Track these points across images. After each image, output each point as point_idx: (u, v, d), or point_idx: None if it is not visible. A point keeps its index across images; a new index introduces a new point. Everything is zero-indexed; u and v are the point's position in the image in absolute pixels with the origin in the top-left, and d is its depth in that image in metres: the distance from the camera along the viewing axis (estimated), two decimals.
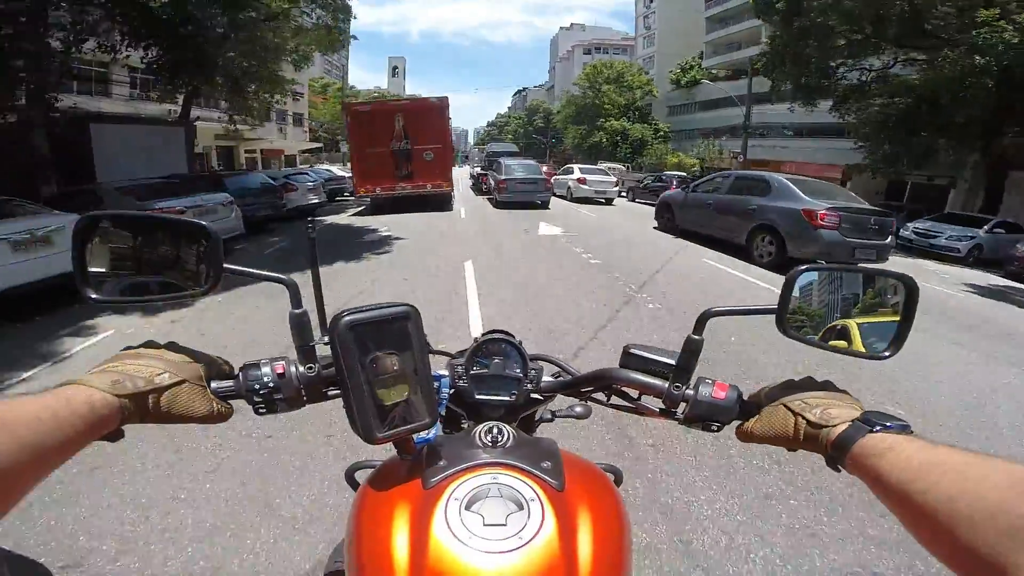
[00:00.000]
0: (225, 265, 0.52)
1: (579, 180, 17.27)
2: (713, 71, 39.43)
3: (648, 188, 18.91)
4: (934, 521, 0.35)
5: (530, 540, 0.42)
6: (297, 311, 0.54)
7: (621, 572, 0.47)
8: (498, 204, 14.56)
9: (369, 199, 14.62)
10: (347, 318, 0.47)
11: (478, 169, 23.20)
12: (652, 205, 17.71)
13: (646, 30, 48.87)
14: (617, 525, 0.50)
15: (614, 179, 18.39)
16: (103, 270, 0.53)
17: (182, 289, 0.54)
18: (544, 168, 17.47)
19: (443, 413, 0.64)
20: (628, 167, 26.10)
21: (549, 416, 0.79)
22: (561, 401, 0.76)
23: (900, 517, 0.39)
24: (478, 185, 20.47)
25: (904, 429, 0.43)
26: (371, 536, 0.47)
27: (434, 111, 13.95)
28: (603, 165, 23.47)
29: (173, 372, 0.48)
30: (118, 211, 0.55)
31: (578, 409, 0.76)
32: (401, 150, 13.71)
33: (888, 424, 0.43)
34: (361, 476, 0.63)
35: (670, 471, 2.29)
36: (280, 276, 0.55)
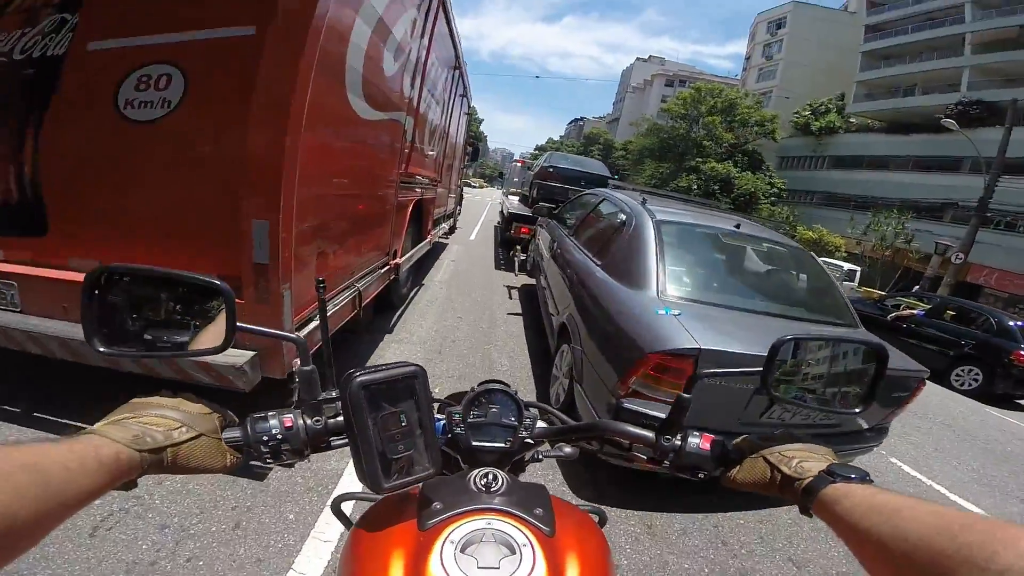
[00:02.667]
0: (238, 324, 0.53)
1: None
2: (854, 119, 28.89)
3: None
4: (877, 559, 0.39)
5: None
6: (306, 368, 0.57)
7: None
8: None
9: None
10: (360, 378, 0.49)
11: (515, 201, 10.30)
12: None
13: (765, 60, 38.63)
14: (603, 569, 0.52)
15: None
16: (113, 323, 0.53)
17: (194, 344, 0.55)
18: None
19: None
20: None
21: (539, 457, 0.78)
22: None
23: (856, 555, 0.42)
24: (506, 240, 8.73)
25: (863, 479, 0.47)
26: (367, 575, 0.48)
27: None
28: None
29: (190, 426, 0.49)
30: (131, 265, 0.53)
31: (567, 450, 0.77)
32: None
33: (851, 476, 0.48)
34: (347, 507, 0.70)
35: None
36: (291, 335, 0.58)
